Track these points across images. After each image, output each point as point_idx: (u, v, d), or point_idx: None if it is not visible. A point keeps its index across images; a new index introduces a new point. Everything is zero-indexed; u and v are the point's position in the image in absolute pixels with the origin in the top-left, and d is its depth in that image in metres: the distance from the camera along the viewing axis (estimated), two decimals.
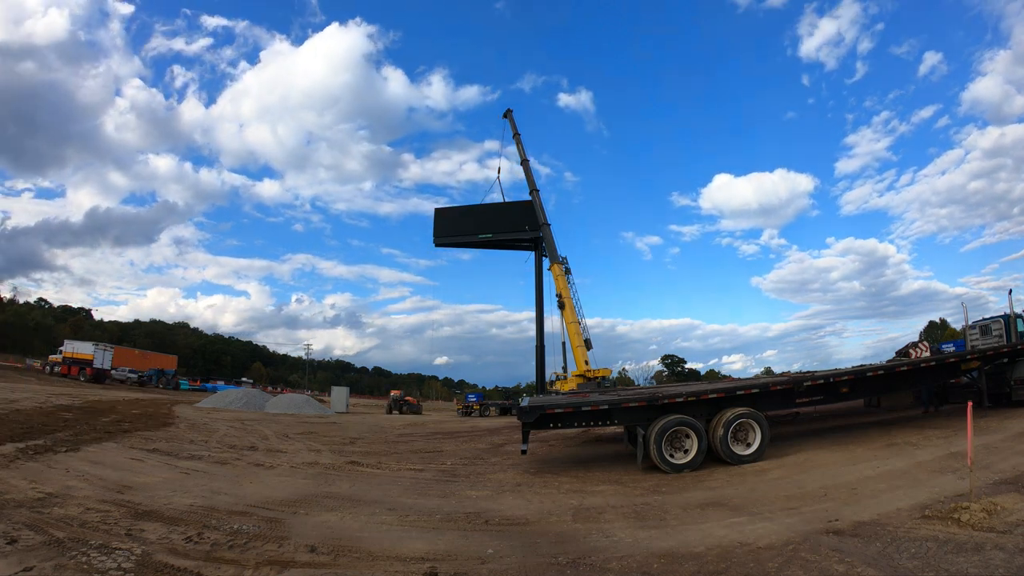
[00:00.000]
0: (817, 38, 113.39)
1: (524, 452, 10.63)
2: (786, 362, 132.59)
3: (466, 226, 36.38)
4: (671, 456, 9.19)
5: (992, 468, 7.37)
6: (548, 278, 32.83)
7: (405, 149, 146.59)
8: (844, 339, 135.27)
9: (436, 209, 37.78)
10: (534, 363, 34.32)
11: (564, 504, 7.40)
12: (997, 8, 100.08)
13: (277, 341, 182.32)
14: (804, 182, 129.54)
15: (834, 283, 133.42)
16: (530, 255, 35.84)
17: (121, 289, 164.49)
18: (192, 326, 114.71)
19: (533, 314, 34.28)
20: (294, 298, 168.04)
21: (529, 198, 35.13)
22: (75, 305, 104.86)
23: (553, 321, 33.12)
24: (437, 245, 36.94)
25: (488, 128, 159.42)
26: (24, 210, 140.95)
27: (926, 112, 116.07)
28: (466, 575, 4.76)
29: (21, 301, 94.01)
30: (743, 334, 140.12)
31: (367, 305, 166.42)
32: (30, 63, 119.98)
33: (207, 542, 5.35)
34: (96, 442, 11.40)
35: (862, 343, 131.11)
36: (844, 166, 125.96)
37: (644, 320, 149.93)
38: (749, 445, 9.41)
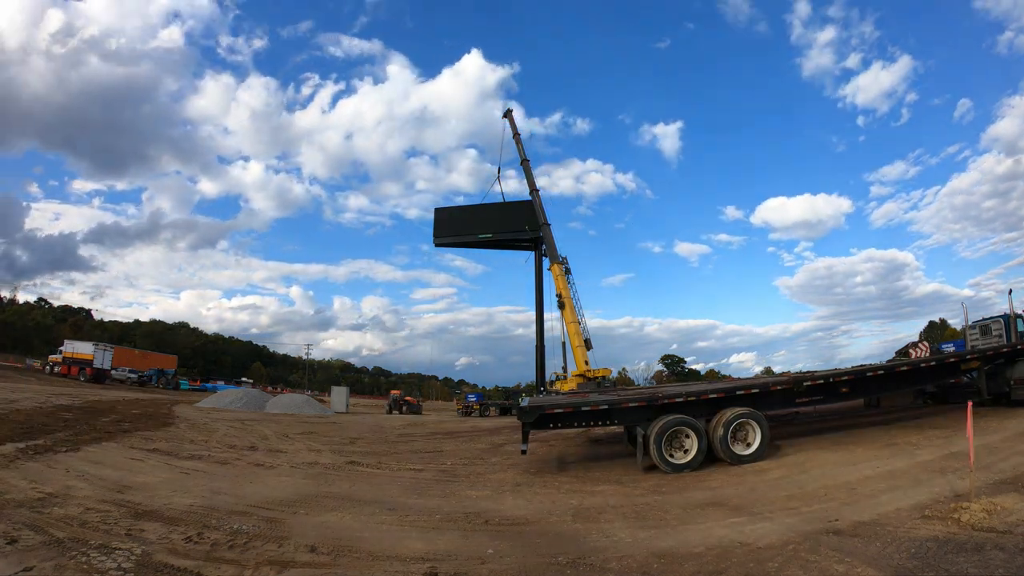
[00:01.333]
0: (874, 90, 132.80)
1: (524, 452, 10.62)
2: (792, 362, 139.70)
3: (466, 226, 36.26)
4: (671, 456, 9.19)
5: (992, 468, 7.36)
6: (548, 278, 32.87)
7: (511, 167, 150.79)
8: (854, 339, 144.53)
9: (436, 209, 37.68)
10: (535, 363, 34.28)
11: (564, 504, 7.40)
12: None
13: (297, 342, 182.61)
14: (844, 204, 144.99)
15: (853, 288, 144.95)
16: (530, 255, 35.86)
17: (158, 291, 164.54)
18: (218, 329, 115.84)
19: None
20: (336, 302, 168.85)
21: (529, 198, 35.15)
22: (102, 308, 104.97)
23: (554, 321, 33.14)
24: (437, 245, 36.79)
25: (595, 149, 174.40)
26: (79, 214, 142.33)
27: (952, 148, 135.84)
28: (466, 575, 4.76)
29: (21, 300, 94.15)
30: (761, 334, 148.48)
31: (402, 308, 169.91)
32: (144, 66, 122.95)
33: (207, 542, 5.35)
34: (96, 442, 11.40)
35: (869, 343, 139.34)
36: (877, 190, 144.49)
37: (670, 320, 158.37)
38: (749, 445, 9.41)
